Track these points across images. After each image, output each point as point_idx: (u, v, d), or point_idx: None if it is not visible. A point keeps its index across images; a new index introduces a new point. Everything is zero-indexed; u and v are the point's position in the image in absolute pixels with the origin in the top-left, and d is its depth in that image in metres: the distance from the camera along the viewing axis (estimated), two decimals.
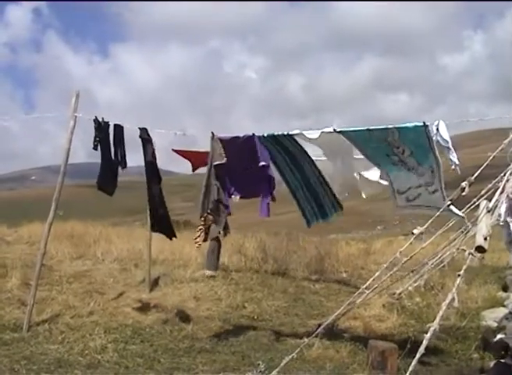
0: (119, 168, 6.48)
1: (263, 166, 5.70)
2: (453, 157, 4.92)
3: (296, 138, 5.82)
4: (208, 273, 6.30)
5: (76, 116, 6.33)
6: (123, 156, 6.41)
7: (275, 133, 5.84)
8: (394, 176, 5.58)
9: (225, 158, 5.74)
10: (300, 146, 5.91)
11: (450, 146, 4.91)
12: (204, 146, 6.53)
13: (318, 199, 6.32)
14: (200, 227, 5.95)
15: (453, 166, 4.92)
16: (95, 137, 6.25)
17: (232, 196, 6.08)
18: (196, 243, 6.09)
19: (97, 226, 14.30)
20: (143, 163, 6.64)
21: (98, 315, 6.91)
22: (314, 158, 6.10)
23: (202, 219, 5.91)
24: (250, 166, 5.79)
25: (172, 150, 6.92)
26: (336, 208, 6.42)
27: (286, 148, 5.97)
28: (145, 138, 6.30)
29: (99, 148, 6.30)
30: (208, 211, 5.89)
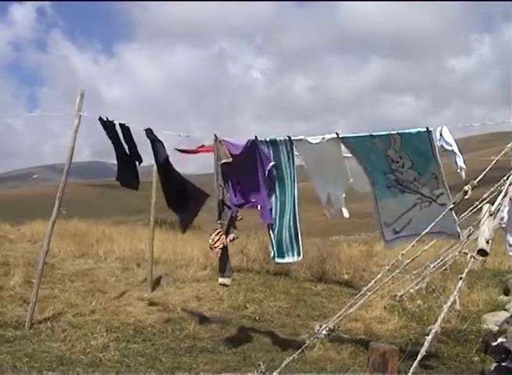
0: (137, 163, 6.46)
1: (269, 170, 5.61)
2: (460, 161, 4.86)
3: (294, 150, 5.60)
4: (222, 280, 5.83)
5: (80, 115, 6.35)
6: (136, 152, 6.40)
7: (277, 139, 5.59)
8: (383, 205, 5.38)
9: (231, 158, 5.65)
10: (293, 160, 5.65)
11: (455, 150, 4.85)
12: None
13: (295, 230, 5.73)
14: (219, 230, 5.57)
15: (458, 170, 4.87)
16: (107, 135, 6.28)
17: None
18: (215, 248, 5.57)
19: (99, 225, 14.32)
20: (145, 164, 6.66)
21: (100, 313, 6.94)
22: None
23: (219, 222, 5.59)
24: (251, 171, 5.65)
25: (175, 149, 6.87)
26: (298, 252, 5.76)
27: (279, 159, 5.68)
28: (153, 138, 6.19)
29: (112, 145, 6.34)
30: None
